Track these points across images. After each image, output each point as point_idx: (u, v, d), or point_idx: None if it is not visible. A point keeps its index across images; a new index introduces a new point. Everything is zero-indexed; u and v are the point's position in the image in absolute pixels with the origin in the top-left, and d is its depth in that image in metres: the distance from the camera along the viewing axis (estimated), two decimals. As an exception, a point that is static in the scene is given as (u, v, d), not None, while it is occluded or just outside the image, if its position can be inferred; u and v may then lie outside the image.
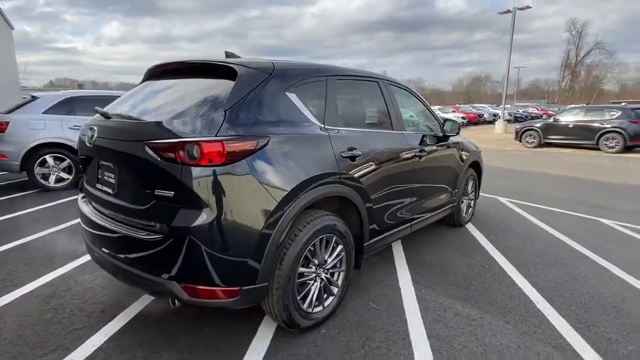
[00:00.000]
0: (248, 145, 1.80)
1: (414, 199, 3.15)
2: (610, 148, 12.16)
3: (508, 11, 19.55)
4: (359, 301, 2.62)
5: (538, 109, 33.33)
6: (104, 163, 2.13)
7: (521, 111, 31.10)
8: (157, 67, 2.44)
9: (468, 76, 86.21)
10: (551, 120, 13.83)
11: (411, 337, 2.23)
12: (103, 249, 2.11)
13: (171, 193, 1.75)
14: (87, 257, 3.30)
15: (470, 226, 4.44)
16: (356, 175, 2.39)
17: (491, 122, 26.79)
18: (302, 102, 2.19)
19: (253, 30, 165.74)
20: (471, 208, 4.58)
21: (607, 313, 2.53)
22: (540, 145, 13.80)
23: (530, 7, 19.11)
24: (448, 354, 2.09)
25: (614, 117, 12.27)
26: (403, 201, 2.99)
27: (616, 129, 12.05)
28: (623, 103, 18.45)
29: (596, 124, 12.48)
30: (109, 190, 2.08)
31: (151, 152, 1.77)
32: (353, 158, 2.37)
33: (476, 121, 26.54)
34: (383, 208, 2.72)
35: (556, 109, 31.69)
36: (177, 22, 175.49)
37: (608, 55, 59.08)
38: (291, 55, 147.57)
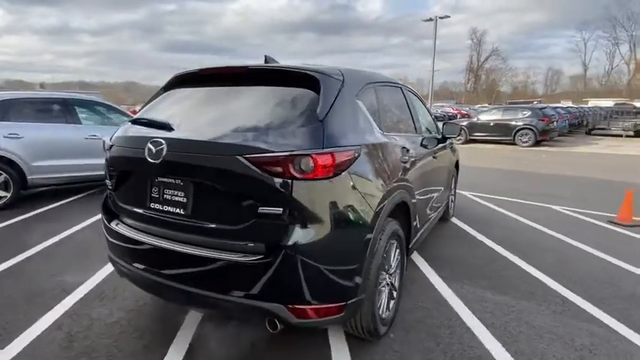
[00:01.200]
0: (350, 155, 1.76)
1: (434, 196, 3.36)
2: (524, 142, 14.06)
3: (430, 19, 21.36)
4: (406, 302, 2.71)
5: (453, 109, 36.93)
6: (167, 180, 1.89)
7: (439, 111, 34.15)
8: (203, 71, 2.21)
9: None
10: (475, 119, 15.52)
11: (473, 330, 2.38)
12: (171, 277, 1.87)
13: (279, 210, 1.63)
14: (86, 288, 2.86)
15: (455, 220, 4.83)
16: (409, 180, 2.47)
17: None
18: (366, 109, 2.19)
19: (169, 25, 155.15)
20: (452, 203, 4.97)
21: (607, 288, 2.97)
22: (467, 142, 15.38)
23: (449, 17, 21.18)
24: (511, 340, 2.28)
25: (526, 116, 14.23)
26: (429, 200, 3.17)
27: (528, 126, 13.98)
28: (535, 103, 21.38)
29: (512, 122, 14.34)
30: (178, 210, 1.85)
31: (252, 167, 1.63)
32: (405, 163, 2.44)
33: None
34: (420, 209, 2.85)
35: (467, 108, 35.47)
36: (75, 13, 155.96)
37: (502, 60, 68.23)
38: (213, 53, 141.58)
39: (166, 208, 1.89)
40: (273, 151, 1.63)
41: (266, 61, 2.41)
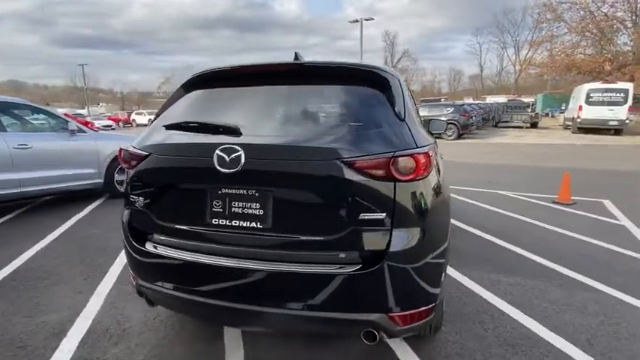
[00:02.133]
0: (433, 152, 1.74)
1: None
2: (449, 136, 15.49)
3: (356, 21, 22.25)
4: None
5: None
6: (237, 191, 1.66)
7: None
8: (245, 69, 1.98)
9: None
10: (406, 115, 16.63)
11: (508, 313, 2.55)
12: (249, 300, 1.66)
13: (381, 215, 1.55)
14: (81, 327, 2.40)
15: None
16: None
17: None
18: None
19: (64, 16, 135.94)
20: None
21: (601, 266, 3.35)
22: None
23: (373, 19, 22.29)
24: (542, 315, 2.50)
25: (450, 112, 15.69)
26: None
27: (452, 121, 15.39)
28: (442, 100, 23.59)
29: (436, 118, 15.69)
30: (254, 224, 1.65)
31: (353, 171, 1.52)
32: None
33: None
34: None
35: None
36: None
37: (413, 61, 74.03)
38: (118, 48, 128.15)
39: (236, 222, 1.67)
40: (373, 153, 1.54)
41: (296, 58, 2.27)
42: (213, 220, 1.71)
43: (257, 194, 1.64)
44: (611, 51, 27.36)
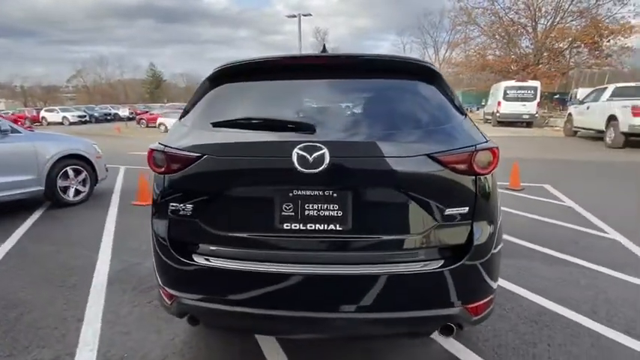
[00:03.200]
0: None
1: None
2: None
3: (294, 16, 22.08)
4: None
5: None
6: (313, 193, 1.53)
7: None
8: (290, 60, 1.82)
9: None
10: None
11: (517, 292, 2.76)
12: (328, 308, 1.55)
13: (464, 209, 1.56)
14: None
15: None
16: None
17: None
18: None
19: None
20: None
21: (570, 244, 3.75)
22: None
23: (311, 15, 22.33)
24: (544, 291, 2.75)
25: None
26: None
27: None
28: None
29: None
30: (333, 227, 1.54)
31: (441, 166, 1.50)
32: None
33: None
34: None
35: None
36: None
37: (343, 58, 76.18)
38: (17, 36, 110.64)
39: (312, 226, 1.55)
40: (457, 148, 1.54)
41: (324, 50, 2.19)
42: (285, 224, 1.56)
43: (335, 195, 1.54)
44: (517, 53, 31.01)
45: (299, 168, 1.48)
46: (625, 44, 25.68)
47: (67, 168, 5.19)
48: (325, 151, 1.47)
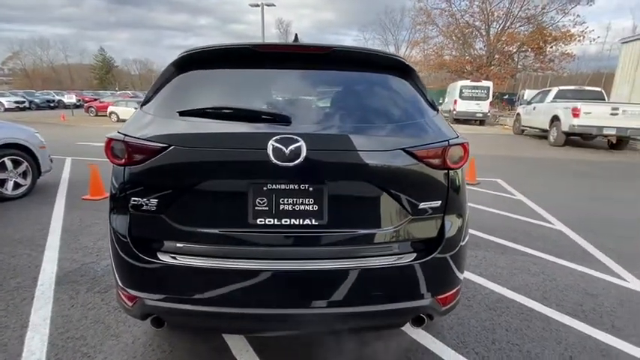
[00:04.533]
0: None
1: None
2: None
3: (257, 5, 21.53)
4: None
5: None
6: (288, 187, 1.48)
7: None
8: (260, 47, 1.73)
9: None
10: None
11: (477, 282, 2.90)
12: (300, 304, 1.52)
13: (437, 203, 1.59)
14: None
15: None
16: None
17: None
18: None
19: None
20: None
21: (523, 234, 3.99)
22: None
23: (274, 5, 21.90)
24: (500, 279, 2.92)
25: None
26: None
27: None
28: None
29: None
30: (308, 222, 1.50)
31: (415, 160, 1.52)
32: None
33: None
34: None
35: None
36: None
37: (307, 51, 75.89)
38: None
39: (286, 221, 1.51)
40: (431, 142, 1.56)
41: (296, 40, 2.14)
42: (258, 220, 1.50)
43: (310, 189, 1.50)
44: (471, 54, 32.55)
45: (274, 161, 1.43)
46: (566, 51, 27.79)
47: (5, 159, 4.71)
48: (302, 143, 1.43)
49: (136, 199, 1.54)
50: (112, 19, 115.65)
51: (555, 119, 11.32)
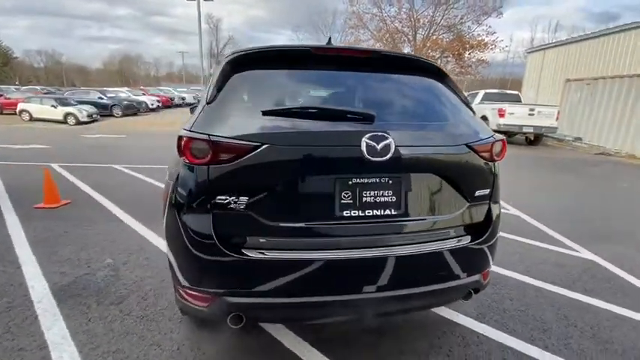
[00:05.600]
0: None
1: None
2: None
3: (192, -1, 20.51)
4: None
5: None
6: (371, 180, 1.60)
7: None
8: (318, 50, 1.81)
9: (118, 53, 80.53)
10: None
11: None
12: (378, 288, 1.65)
13: (487, 191, 1.84)
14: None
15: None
16: None
17: (181, 105, 27.72)
18: None
19: None
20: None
21: None
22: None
23: (212, 0, 21.07)
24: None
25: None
26: None
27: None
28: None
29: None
30: (388, 212, 1.64)
31: (475, 154, 1.74)
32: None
33: (169, 104, 26.47)
34: None
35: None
36: None
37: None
38: None
39: (369, 212, 1.63)
40: (483, 138, 1.80)
41: (329, 42, 2.26)
42: (344, 212, 1.60)
43: (390, 181, 1.64)
44: (400, 57, 34.73)
45: (367, 156, 1.54)
46: (481, 57, 31.11)
47: None
48: (391, 140, 1.57)
49: (223, 197, 1.53)
50: (8, 4, 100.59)
51: (484, 119, 12.70)
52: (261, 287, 1.59)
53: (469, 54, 31.90)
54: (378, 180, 1.63)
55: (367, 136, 1.55)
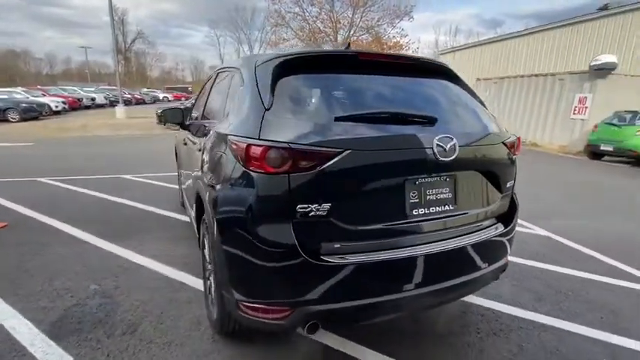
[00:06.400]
0: None
1: None
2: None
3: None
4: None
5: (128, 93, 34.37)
6: (432, 179, 1.71)
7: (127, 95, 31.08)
8: (363, 55, 1.88)
9: (-2, 48, 68.70)
10: (189, 104, 15.86)
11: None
12: (433, 280, 1.77)
13: (512, 182, 2.07)
14: None
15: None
16: None
17: (90, 107, 24.89)
18: None
19: None
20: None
21: None
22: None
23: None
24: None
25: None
26: None
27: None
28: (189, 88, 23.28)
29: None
30: (446, 207, 1.77)
31: (507, 150, 1.97)
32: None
33: (77, 105, 23.43)
34: None
35: (138, 93, 34.02)
36: None
37: (150, 45, 68.50)
38: None
39: (433, 209, 1.74)
40: (512, 136, 2.03)
41: (348, 47, 2.33)
42: (413, 211, 1.68)
43: (447, 179, 1.77)
44: (324, 57, 35.69)
45: (437, 157, 1.65)
46: (398, 58, 33.46)
47: None
48: (456, 141, 1.69)
49: (304, 205, 1.50)
50: None
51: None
52: (341, 292, 1.59)
53: (387, 55, 34.17)
54: (438, 178, 1.75)
55: (438, 137, 1.66)
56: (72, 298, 2.57)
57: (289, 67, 1.76)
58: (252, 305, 1.63)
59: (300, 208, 1.51)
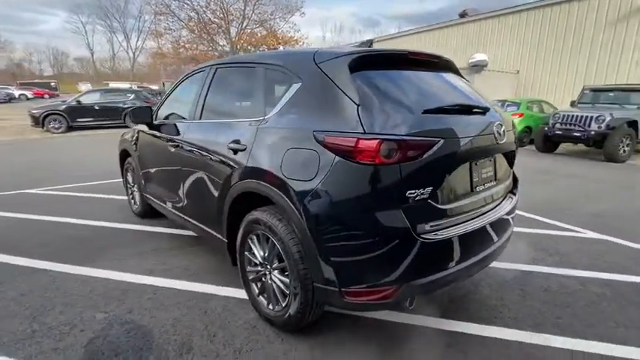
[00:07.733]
0: None
1: None
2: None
3: None
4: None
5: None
6: (483, 160, 2.05)
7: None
8: (413, 54, 2.09)
9: None
10: (75, 103, 13.64)
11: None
12: (491, 243, 2.13)
13: (515, 160, 2.55)
14: None
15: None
16: None
17: None
18: None
19: None
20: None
21: None
22: (69, 130, 13.43)
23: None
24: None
25: (131, 99, 14.55)
26: None
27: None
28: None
29: (120, 105, 14.17)
30: (491, 184, 2.13)
31: (514, 131, 2.42)
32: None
33: None
34: None
35: None
36: None
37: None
38: None
39: (486, 185, 2.08)
40: (512, 119, 2.49)
41: (370, 44, 2.55)
42: (476, 188, 1.99)
43: (491, 159, 2.12)
44: (218, 50, 34.24)
45: (497, 141, 1.99)
46: (294, 51, 34.12)
47: None
48: (505, 127, 2.04)
49: (412, 191, 1.66)
50: None
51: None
52: (438, 263, 1.81)
53: (283, 48, 34.49)
54: (486, 159, 2.09)
55: (496, 124, 2.01)
56: (82, 332, 2.20)
57: (360, 64, 1.85)
58: (356, 290, 1.72)
59: (410, 194, 1.66)
